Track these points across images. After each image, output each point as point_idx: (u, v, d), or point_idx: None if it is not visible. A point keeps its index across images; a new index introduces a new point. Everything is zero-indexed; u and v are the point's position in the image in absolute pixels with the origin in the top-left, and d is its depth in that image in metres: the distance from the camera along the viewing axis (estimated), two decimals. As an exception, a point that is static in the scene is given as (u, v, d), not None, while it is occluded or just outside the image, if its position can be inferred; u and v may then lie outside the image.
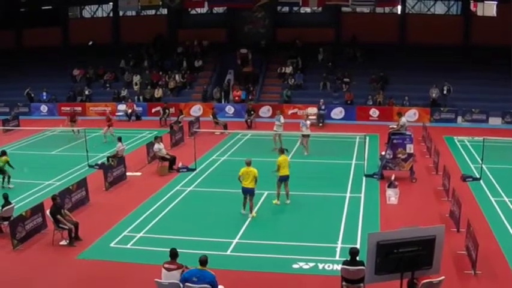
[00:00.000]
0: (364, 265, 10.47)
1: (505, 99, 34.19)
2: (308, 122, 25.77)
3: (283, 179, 18.00)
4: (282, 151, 18.61)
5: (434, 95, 34.97)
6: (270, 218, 17.21)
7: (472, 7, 40.53)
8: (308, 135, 25.44)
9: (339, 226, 16.14)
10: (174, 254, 11.42)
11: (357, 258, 11.35)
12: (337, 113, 35.00)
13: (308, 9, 42.54)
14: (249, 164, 17.04)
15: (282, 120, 26.43)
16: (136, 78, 39.84)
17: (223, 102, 37.75)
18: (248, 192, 16.95)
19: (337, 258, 13.78)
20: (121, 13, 44.48)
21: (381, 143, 26.22)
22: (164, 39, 43.75)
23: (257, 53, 40.49)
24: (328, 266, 13.41)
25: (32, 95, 39.28)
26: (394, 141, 20.51)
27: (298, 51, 40.33)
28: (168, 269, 11.25)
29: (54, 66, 42.13)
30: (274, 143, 25.58)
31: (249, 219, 16.77)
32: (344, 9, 40.25)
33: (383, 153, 21.56)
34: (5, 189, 18.98)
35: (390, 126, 26.53)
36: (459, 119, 33.66)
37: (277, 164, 17.81)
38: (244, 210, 17.14)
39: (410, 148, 20.38)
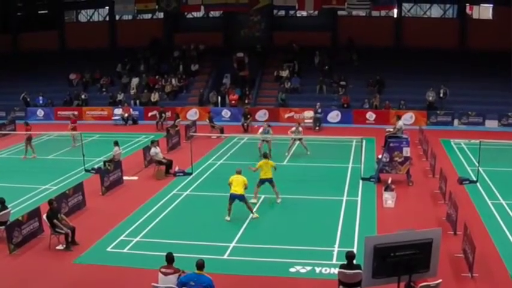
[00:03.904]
0: (361, 269, 10.47)
1: (502, 102, 34.35)
2: (300, 128, 25.99)
3: (263, 181, 18.45)
4: (265, 156, 19.30)
5: (430, 98, 35.02)
6: (267, 221, 17.19)
7: (467, 10, 40.66)
8: (301, 138, 25.75)
9: (335, 230, 16.14)
10: (170, 259, 11.40)
11: (354, 261, 11.35)
12: (334, 116, 35.03)
13: (304, 13, 42.67)
14: (239, 172, 17.34)
15: (271, 132, 25.49)
16: (133, 82, 39.84)
17: (219, 106, 37.76)
18: (237, 198, 16.91)
19: (334, 261, 13.77)
20: (117, 17, 44.54)
21: (378, 147, 26.28)
22: (160, 43, 43.82)
23: (253, 56, 40.57)
24: (325, 270, 13.40)
25: (28, 99, 39.26)
26: (391, 144, 20.53)
27: (294, 54, 40.42)
28: (165, 274, 11.23)
29: (50, 70, 42.14)
30: (260, 151, 24.34)
31: (246, 223, 16.76)
32: (340, 12, 40.32)
33: (380, 156, 21.57)
34: None
35: (387, 130, 26.59)
36: (456, 122, 33.72)
37: (257, 165, 18.66)
38: (229, 217, 17.00)
39: (407, 151, 20.40)
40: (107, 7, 44.59)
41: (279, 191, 18.72)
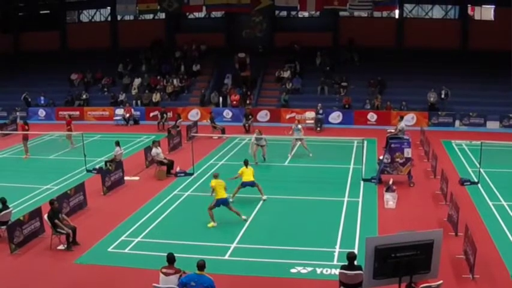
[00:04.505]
0: (362, 269, 10.46)
1: (503, 103, 34.32)
2: (300, 126, 25.90)
3: (245, 184, 18.71)
4: (245, 163, 19.17)
5: (432, 99, 35.02)
6: (267, 222, 17.19)
7: (469, 11, 40.64)
8: (302, 139, 25.77)
9: (337, 230, 16.13)
10: (171, 259, 11.41)
11: (355, 262, 11.34)
12: (335, 117, 35.02)
13: (306, 14, 42.64)
14: (216, 176, 17.23)
15: (264, 138, 24.75)
16: (135, 83, 39.87)
17: (220, 106, 37.74)
18: (223, 203, 16.80)
19: (335, 262, 13.76)
20: (119, 17, 44.54)
21: (379, 147, 26.27)
22: (162, 44, 43.83)
23: (255, 57, 40.52)
24: (326, 271, 13.39)
25: (29, 99, 39.31)
26: (392, 145, 20.51)
27: (296, 55, 40.42)
28: (166, 274, 11.24)
29: (52, 70, 42.21)
30: (254, 156, 23.90)
31: (247, 224, 16.75)
32: (342, 13, 40.28)
33: (381, 157, 21.57)
34: None
35: (388, 131, 26.58)
36: (457, 123, 33.71)
37: (239, 172, 18.84)
38: (215, 223, 16.70)
39: (408, 152, 20.38)
40: (109, 7, 44.60)
41: (262, 188, 18.89)
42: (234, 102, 37.24)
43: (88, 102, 39.21)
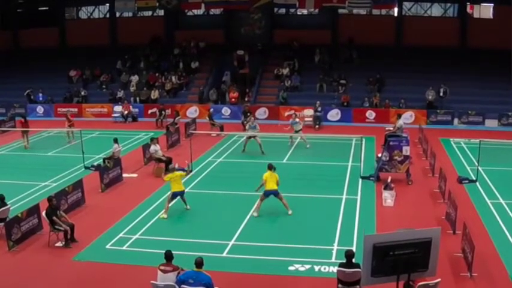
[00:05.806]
0: (360, 267, 10.47)
1: (502, 102, 34.35)
2: (297, 120, 26.87)
3: (269, 193, 17.21)
4: (270, 167, 17.60)
5: (430, 97, 35.01)
6: (266, 220, 17.17)
7: (468, 9, 40.62)
8: (300, 130, 26.83)
9: (335, 228, 16.14)
10: (168, 256, 11.41)
11: (353, 260, 11.35)
12: (334, 114, 34.98)
13: (305, 11, 42.65)
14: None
15: (258, 128, 26.06)
16: (133, 80, 39.83)
17: (219, 103, 37.71)
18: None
19: (333, 260, 13.77)
20: (118, 14, 44.48)
21: (378, 145, 26.26)
22: (161, 41, 43.78)
23: (254, 54, 40.50)
24: (324, 268, 13.40)
25: (32, 96, 39.25)
26: (391, 143, 20.52)
27: (294, 52, 40.40)
28: (164, 271, 11.24)
29: (50, 67, 42.06)
30: (244, 147, 25.92)
31: (245, 221, 16.75)
32: (341, 11, 40.30)
33: (379, 155, 21.57)
34: None
35: (387, 129, 26.58)
36: (455, 121, 33.70)
37: (263, 178, 17.24)
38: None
39: (406, 150, 20.39)
40: (108, 4, 44.50)
41: (287, 201, 17.56)
42: (233, 100, 37.23)
43: (86, 99, 39.13)
